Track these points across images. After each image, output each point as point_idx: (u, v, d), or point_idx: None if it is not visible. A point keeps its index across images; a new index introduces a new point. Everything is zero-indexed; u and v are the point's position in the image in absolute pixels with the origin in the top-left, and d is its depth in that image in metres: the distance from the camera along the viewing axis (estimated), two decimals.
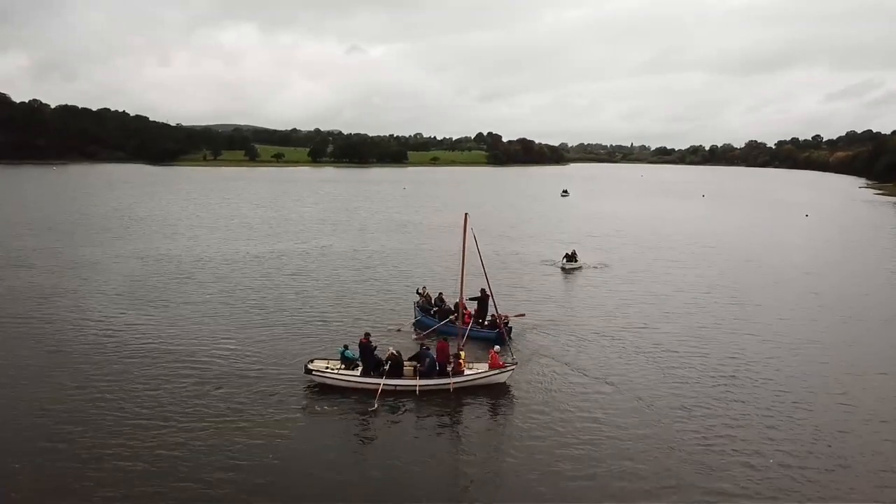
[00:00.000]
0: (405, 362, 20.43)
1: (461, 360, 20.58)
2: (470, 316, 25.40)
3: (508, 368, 20.79)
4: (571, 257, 40.73)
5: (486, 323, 25.90)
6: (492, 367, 20.66)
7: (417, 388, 19.59)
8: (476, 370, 20.71)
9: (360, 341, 20.55)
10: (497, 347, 21.33)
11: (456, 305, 25.36)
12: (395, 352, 20.42)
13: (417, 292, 28.56)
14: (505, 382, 20.62)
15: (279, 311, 28.95)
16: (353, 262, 41.91)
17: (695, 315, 29.79)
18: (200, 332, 25.46)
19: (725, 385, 20.74)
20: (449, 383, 19.89)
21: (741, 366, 22.67)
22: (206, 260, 41.17)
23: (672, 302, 32.29)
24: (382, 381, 19.54)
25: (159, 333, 25.00)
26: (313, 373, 20.02)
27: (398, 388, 19.65)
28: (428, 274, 37.04)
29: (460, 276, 22.21)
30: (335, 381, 19.98)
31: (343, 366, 20.43)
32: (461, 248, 21.85)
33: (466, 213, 21.68)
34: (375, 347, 20.60)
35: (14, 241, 46.80)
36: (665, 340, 25.44)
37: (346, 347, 20.85)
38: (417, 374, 20.07)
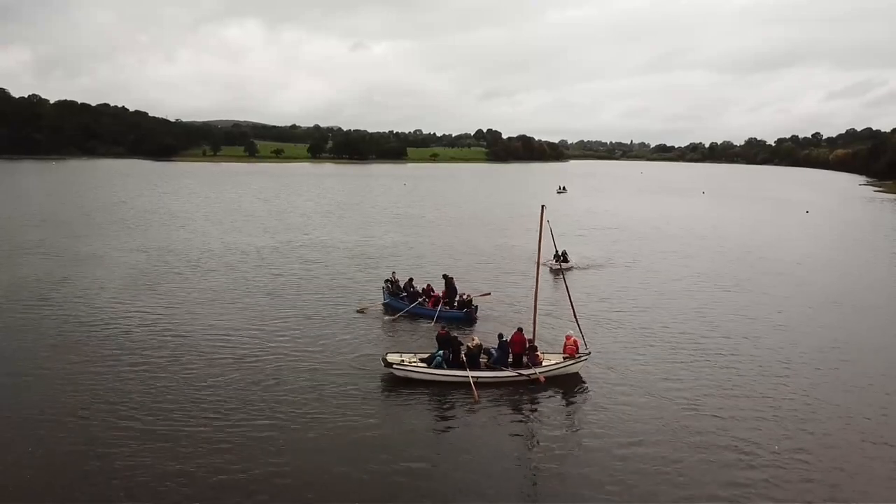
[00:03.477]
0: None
1: (538, 353, 20.38)
2: (438, 300, 27.22)
3: (584, 358, 20.67)
4: (562, 257, 37.88)
5: (454, 304, 27.08)
6: (566, 355, 20.50)
7: (508, 378, 19.32)
8: (550, 360, 20.44)
9: (439, 333, 20.27)
10: (570, 332, 21.08)
11: (423, 289, 27.88)
12: (473, 343, 20.08)
13: (387, 281, 29.33)
14: (578, 373, 20.47)
15: (308, 303, 28.79)
16: (362, 254, 41.80)
17: (710, 311, 29.68)
18: (245, 323, 25.13)
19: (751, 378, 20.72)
20: (536, 374, 19.57)
21: (773, 368, 22.52)
22: (223, 252, 40.87)
23: (675, 298, 32.17)
24: (470, 373, 19.14)
25: (199, 326, 24.68)
26: (394, 367, 19.52)
27: (482, 380, 19.21)
28: (434, 267, 36.87)
29: (536, 266, 22.28)
30: (421, 375, 19.40)
31: (416, 358, 20.01)
32: (538, 240, 21.85)
33: (543, 206, 21.54)
34: (455, 338, 20.32)
35: (20, 234, 46.57)
36: (682, 333, 25.41)
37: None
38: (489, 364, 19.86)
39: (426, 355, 20.21)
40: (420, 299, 27.41)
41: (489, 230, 56.29)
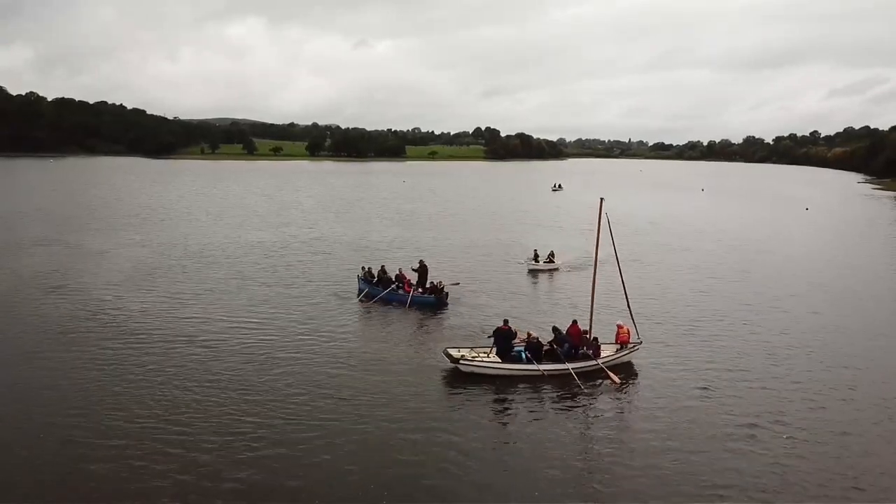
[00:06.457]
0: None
1: (598, 343, 20.37)
2: (410, 285, 28.37)
3: (637, 347, 20.80)
4: (548, 257, 36.86)
5: (426, 289, 28.08)
6: (620, 345, 20.63)
7: (572, 371, 19.14)
8: (604, 350, 20.39)
9: (499, 328, 19.96)
10: (621, 321, 21.17)
11: (396, 276, 28.88)
12: (533, 336, 19.95)
13: (367, 271, 30.03)
14: (630, 362, 20.60)
15: (318, 296, 28.88)
16: (366, 248, 41.71)
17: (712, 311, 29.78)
18: (258, 318, 24.95)
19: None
20: (599, 364, 19.55)
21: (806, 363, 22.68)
22: (229, 248, 40.86)
23: (687, 292, 32.25)
24: (542, 367, 19.08)
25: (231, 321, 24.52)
26: (460, 362, 19.18)
27: (548, 372, 19.09)
28: (434, 261, 36.83)
29: (594, 257, 21.88)
30: (489, 370, 19.16)
31: (475, 352, 19.82)
32: (596, 231, 21.64)
33: (602, 198, 21.51)
34: (515, 334, 20.05)
35: (25, 229, 46.50)
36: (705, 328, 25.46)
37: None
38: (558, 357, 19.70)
39: (485, 349, 20.04)
40: (393, 285, 28.28)
41: (487, 227, 56.34)
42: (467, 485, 13.40)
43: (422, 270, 29.11)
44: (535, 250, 37.52)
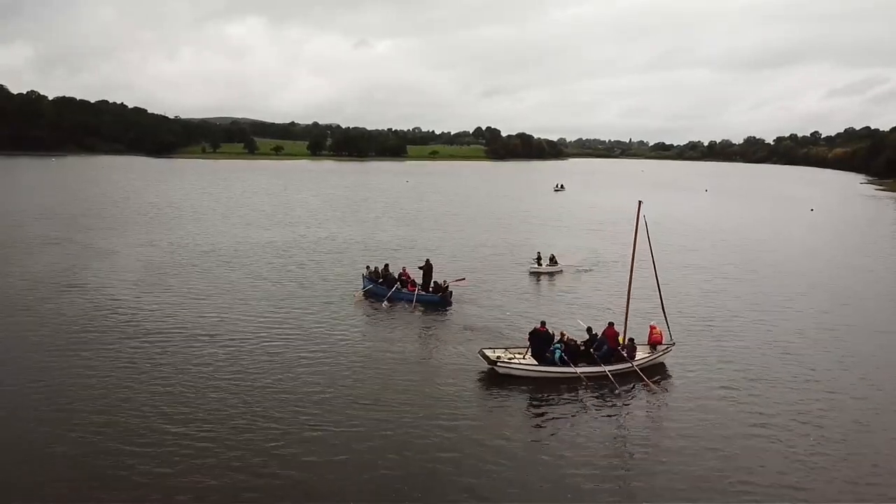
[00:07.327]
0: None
1: (635, 344, 20.48)
2: (414, 284, 28.64)
3: (670, 348, 20.88)
4: (550, 260, 36.38)
5: (430, 289, 28.48)
6: (652, 345, 20.72)
7: (608, 373, 19.16)
8: (639, 352, 20.45)
9: (537, 329, 19.96)
10: (654, 322, 21.24)
11: (399, 274, 29.18)
12: (568, 338, 19.97)
13: (374, 270, 30.38)
14: (663, 363, 20.67)
15: (329, 294, 29.09)
16: (375, 247, 41.84)
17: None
18: (275, 317, 25.13)
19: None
20: (633, 366, 19.57)
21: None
22: (238, 247, 40.99)
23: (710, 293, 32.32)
24: (578, 369, 19.13)
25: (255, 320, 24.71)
26: (497, 364, 19.15)
27: (585, 375, 19.10)
28: (449, 262, 37.02)
29: (630, 261, 21.71)
30: (526, 372, 19.16)
31: (510, 353, 19.79)
32: (633, 234, 21.45)
33: (640, 201, 21.47)
34: (553, 336, 20.00)
35: (32, 228, 46.60)
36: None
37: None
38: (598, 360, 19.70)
39: (520, 350, 20.00)
40: (397, 284, 28.55)
41: (492, 227, 56.46)
42: (502, 485, 13.51)
43: (427, 270, 29.38)
44: (539, 253, 37.40)
